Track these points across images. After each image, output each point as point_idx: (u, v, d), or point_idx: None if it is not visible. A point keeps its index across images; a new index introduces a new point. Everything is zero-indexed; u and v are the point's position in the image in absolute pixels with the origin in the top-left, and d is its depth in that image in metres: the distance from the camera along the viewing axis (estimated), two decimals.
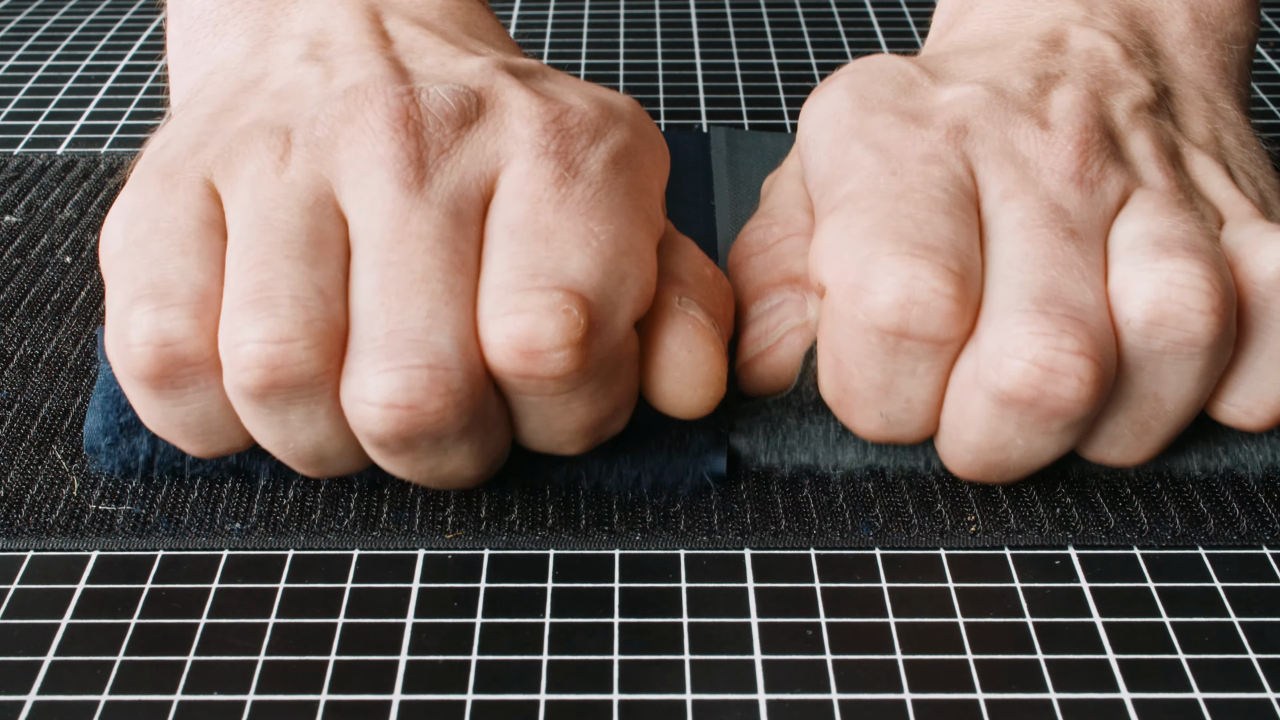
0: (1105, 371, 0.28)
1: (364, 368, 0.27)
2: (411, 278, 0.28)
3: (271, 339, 0.27)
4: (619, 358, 0.29)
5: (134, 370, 0.28)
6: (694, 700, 0.26)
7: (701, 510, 0.31)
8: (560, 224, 0.29)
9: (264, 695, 0.27)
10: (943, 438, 0.30)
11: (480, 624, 0.28)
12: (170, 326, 0.28)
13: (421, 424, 0.27)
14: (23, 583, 0.29)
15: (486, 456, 0.29)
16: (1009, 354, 0.28)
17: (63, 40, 0.58)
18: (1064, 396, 0.28)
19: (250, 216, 0.29)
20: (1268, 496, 0.32)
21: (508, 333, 0.27)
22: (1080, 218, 0.30)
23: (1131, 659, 0.27)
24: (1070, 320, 0.28)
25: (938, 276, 0.28)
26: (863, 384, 0.30)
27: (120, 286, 0.29)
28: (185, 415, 0.29)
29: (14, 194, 0.44)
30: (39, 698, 0.27)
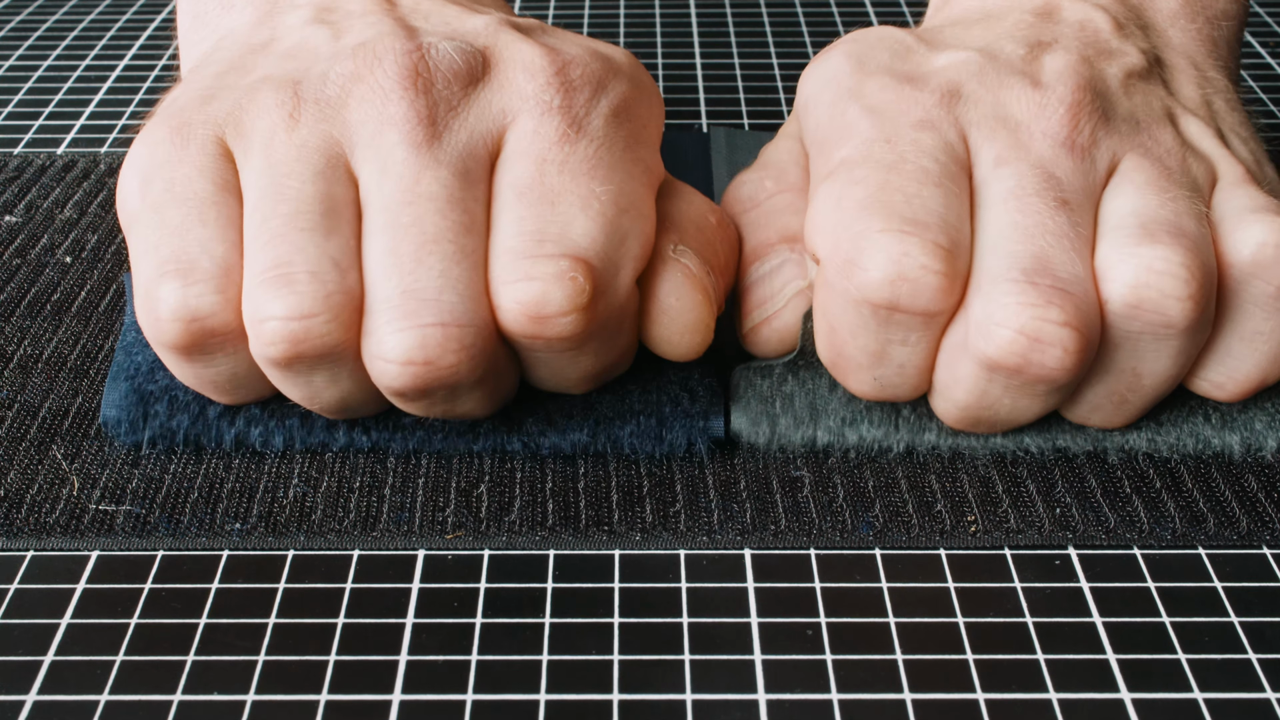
0: (1089, 341, 0.29)
1: (382, 326, 0.29)
2: (423, 239, 0.29)
3: (293, 315, 0.29)
4: (622, 314, 0.31)
5: (164, 341, 0.30)
6: (694, 700, 0.26)
7: (701, 510, 0.31)
8: (564, 185, 0.30)
9: (264, 695, 0.27)
10: (934, 394, 0.32)
11: (480, 624, 0.28)
12: (197, 303, 0.29)
13: (438, 377, 0.29)
14: (23, 583, 0.29)
15: (498, 397, 0.32)
16: (997, 323, 0.29)
17: (63, 40, 0.58)
18: (1048, 365, 0.29)
19: (264, 183, 0.30)
20: (1268, 496, 0.32)
21: (518, 299, 0.29)
22: (1072, 186, 0.31)
23: (1131, 659, 0.27)
24: (1057, 291, 0.29)
25: (927, 253, 0.29)
26: (856, 350, 0.31)
27: (145, 255, 0.30)
28: (215, 375, 0.31)
29: (14, 194, 0.44)
30: (39, 698, 0.27)
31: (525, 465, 0.32)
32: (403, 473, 0.32)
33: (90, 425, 0.34)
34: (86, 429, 0.34)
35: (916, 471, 0.32)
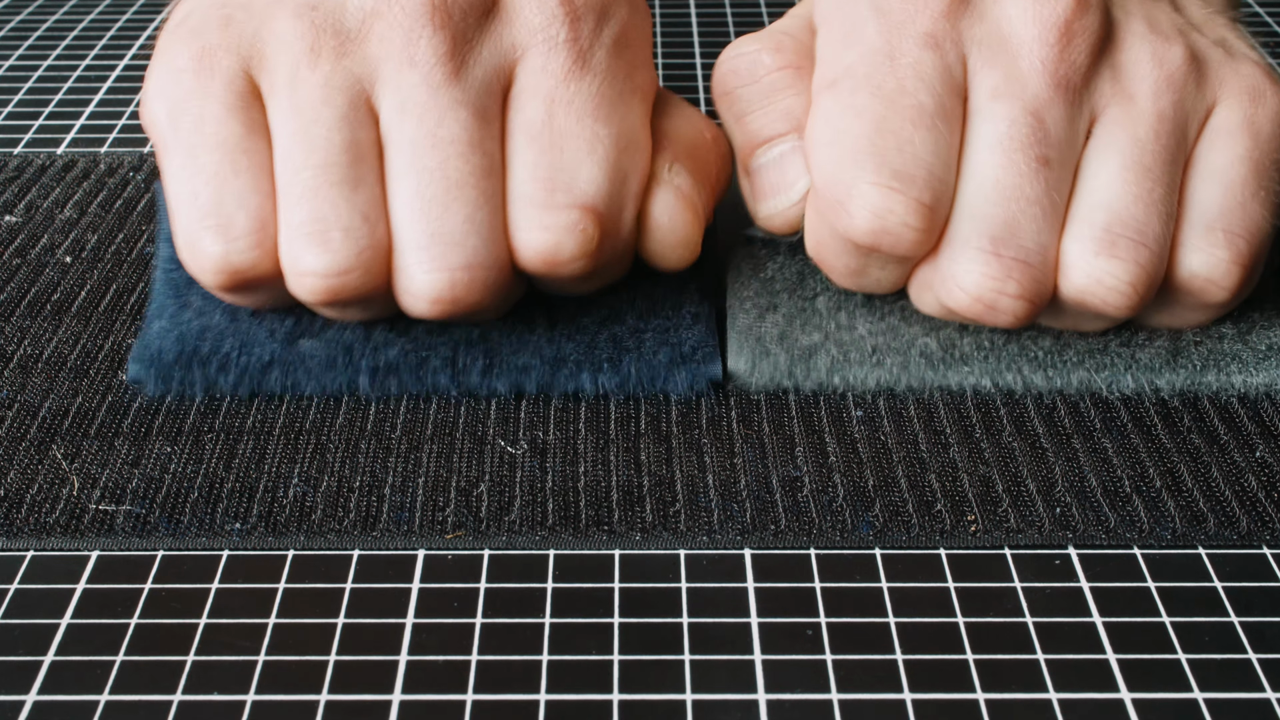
0: (1039, 306, 0.33)
1: (413, 265, 0.32)
2: (447, 184, 0.32)
3: (330, 272, 0.32)
4: (625, 245, 0.34)
5: (207, 282, 0.33)
6: (694, 700, 0.26)
7: (701, 510, 0.31)
8: (571, 128, 0.33)
9: (264, 695, 0.27)
10: (909, 289, 0.35)
11: (480, 624, 0.28)
12: (238, 259, 0.32)
13: (461, 310, 0.33)
14: (23, 583, 0.29)
15: (508, 307, 0.35)
16: (959, 285, 0.32)
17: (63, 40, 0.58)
18: (1001, 322, 0.33)
19: (293, 128, 0.32)
20: (1268, 496, 0.32)
21: (534, 247, 0.32)
22: (1057, 138, 0.32)
23: (1131, 659, 0.27)
24: (1018, 264, 0.32)
25: (910, 211, 0.32)
26: (839, 264, 0.34)
27: (184, 203, 0.32)
28: (255, 301, 0.35)
29: (14, 194, 0.44)
30: (39, 698, 0.27)
31: (525, 465, 0.32)
32: (403, 472, 0.32)
33: (90, 425, 0.34)
34: (86, 429, 0.34)
35: (916, 471, 0.32)
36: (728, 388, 0.35)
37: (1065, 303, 0.33)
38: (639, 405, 0.34)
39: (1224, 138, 0.34)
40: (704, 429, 0.34)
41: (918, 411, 0.34)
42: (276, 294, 0.34)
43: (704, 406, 0.34)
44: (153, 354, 0.35)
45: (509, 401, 0.34)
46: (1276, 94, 0.34)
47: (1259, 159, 0.34)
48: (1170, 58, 0.34)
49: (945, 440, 0.33)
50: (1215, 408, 0.34)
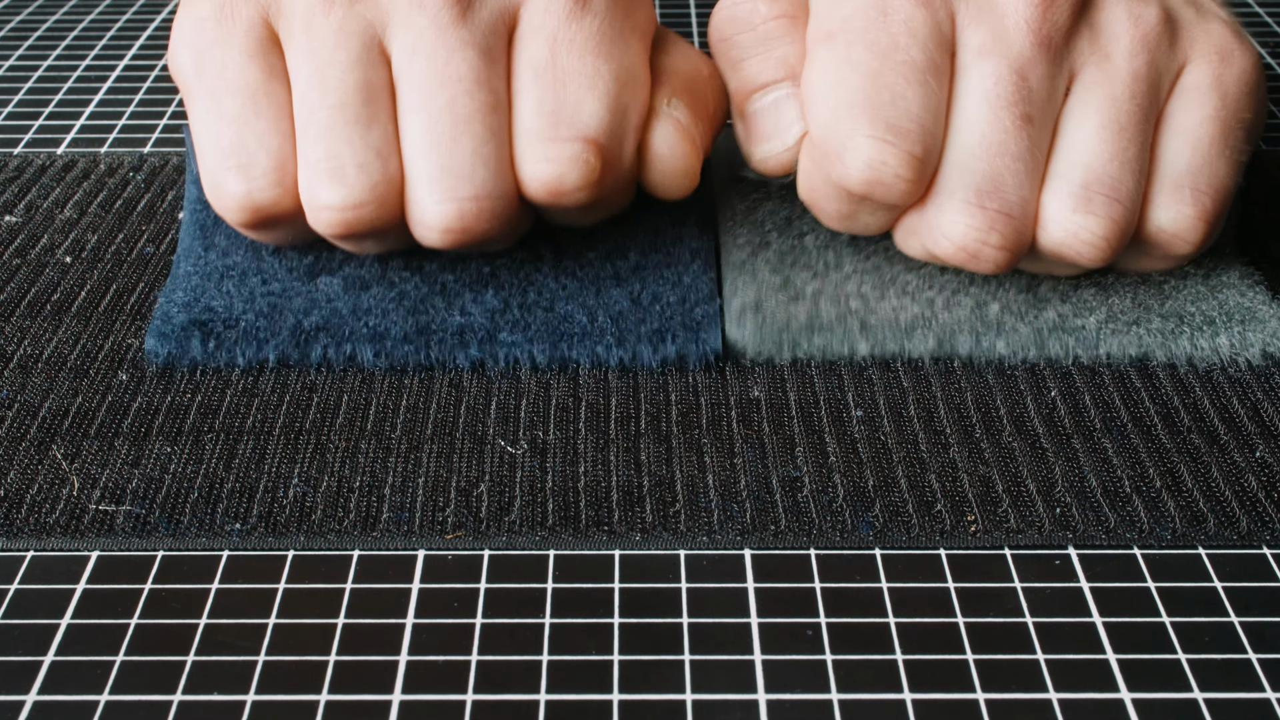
0: (1019, 255, 0.34)
1: (424, 198, 0.34)
2: (456, 120, 0.33)
3: (345, 205, 0.34)
4: (627, 176, 0.36)
5: (232, 220, 0.35)
6: (694, 700, 0.26)
7: (701, 510, 0.31)
8: (573, 66, 0.34)
9: (264, 695, 0.27)
10: (894, 233, 0.36)
11: (480, 624, 0.28)
12: (260, 196, 0.34)
13: (472, 240, 0.34)
14: (23, 583, 0.29)
15: (517, 236, 0.37)
16: (945, 234, 0.34)
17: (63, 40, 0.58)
18: (982, 270, 0.35)
19: (309, 71, 0.34)
20: (1268, 496, 0.32)
21: (539, 178, 0.34)
22: (1039, 95, 0.34)
23: (1131, 659, 0.27)
24: (1001, 217, 0.34)
25: (902, 164, 0.33)
26: (830, 209, 0.36)
27: (209, 146, 0.34)
28: (277, 238, 0.37)
29: (14, 194, 0.44)
30: (39, 698, 0.27)
31: (525, 465, 0.32)
32: (403, 473, 0.32)
33: (90, 425, 0.34)
34: (86, 429, 0.34)
35: (916, 471, 0.32)
36: (726, 347, 0.36)
37: (1042, 252, 0.35)
38: (639, 405, 0.34)
39: (1194, 97, 0.35)
40: (704, 429, 0.34)
41: (918, 411, 0.34)
42: (297, 230, 0.36)
43: (704, 407, 0.34)
44: (172, 325, 0.36)
45: (509, 401, 0.35)
46: (1244, 54, 0.36)
47: (1226, 118, 0.36)
48: (1145, 18, 0.35)
49: (945, 440, 0.33)
50: (1215, 408, 0.34)
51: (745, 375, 0.36)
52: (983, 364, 0.36)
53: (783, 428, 0.34)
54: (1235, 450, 0.33)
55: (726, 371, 0.36)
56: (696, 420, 0.34)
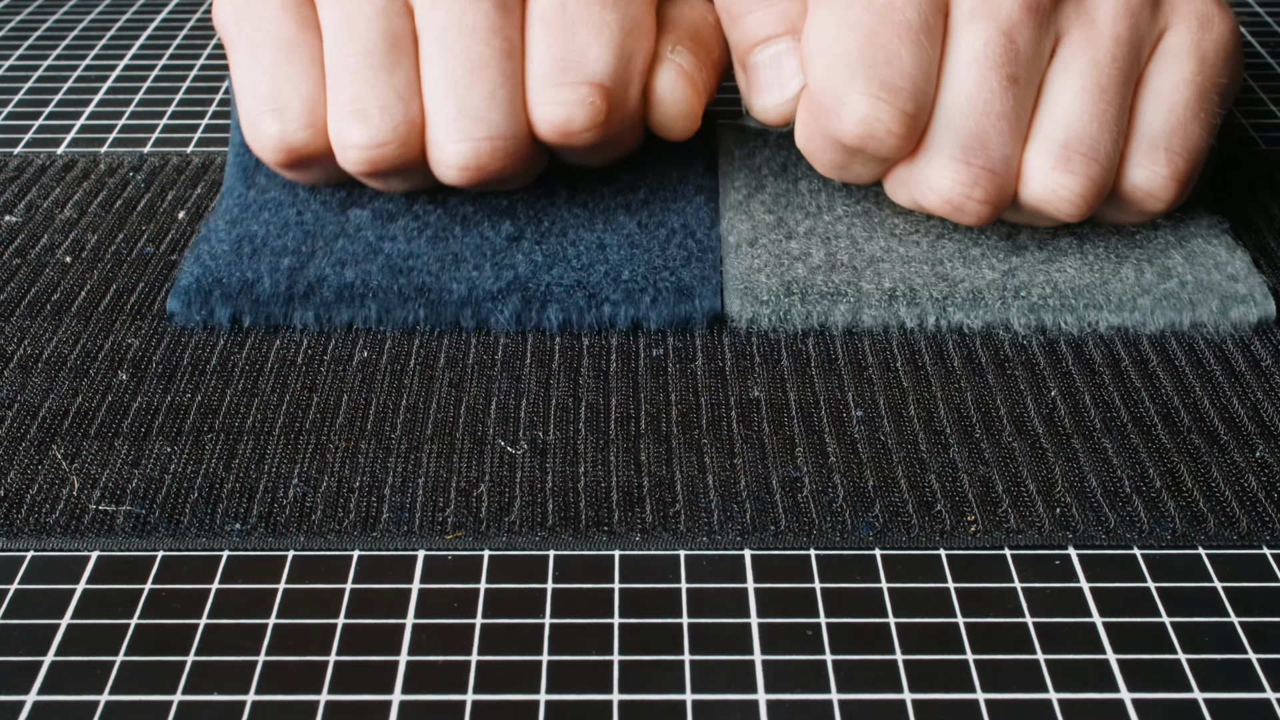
0: (1001, 207, 0.36)
1: (443, 138, 0.37)
2: (471, 65, 0.36)
3: (370, 144, 0.37)
4: (632, 117, 0.39)
5: (269, 160, 0.38)
6: (694, 700, 0.26)
7: (701, 511, 0.31)
8: (580, 15, 0.37)
9: (264, 695, 0.27)
10: (884, 182, 0.38)
11: (480, 624, 0.28)
12: (293, 138, 0.37)
13: (488, 177, 0.37)
14: (23, 583, 0.29)
15: (532, 175, 0.40)
16: (932, 187, 0.36)
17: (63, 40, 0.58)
18: (965, 221, 0.37)
19: (338, 21, 0.37)
20: (1268, 496, 0.32)
21: (549, 120, 0.37)
22: (1026, 57, 0.36)
23: (1131, 659, 0.27)
24: (985, 173, 0.36)
25: (894, 120, 0.35)
26: (825, 159, 0.38)
27: (247, 91, 0.37)
28: (311, 177, 0.40)
29: (14, 194, 0.44)
30: (39, 698, 0.27)
31: (525, 465, 0.32)
32: (403, 473, 0.32)
33: (90, 425, 0.34)
34: (86, 429, 0.34)
35: (916, 471, 0.32)
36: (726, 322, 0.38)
37: (1023, 206, 0.37)
38: (639, 405, 0.34)
39: (1172, 61, 0.37)
40: (704, 429, 0.34)
41: (918, 411, 0.34)
42: (329, 169, 0.39)
43: (704, 407, 0.34)
44: (214, 247, 0.39)
45: (509, 401, 0.35)
46: (1223, 20, 0.38)
47: (1202, 83, 0.37)
48: None
49: (945, 440, 0.33)
50: (1215, 408, 0.34)
51: (745, 375, 0.36)
52: (969, 328, 0.37)
53: (783, 428, 0.34)
54: (1235, 450, 0.33)
55: (726, 372, 0.36)
56: (696, 420, 0.34)
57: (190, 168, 0.46)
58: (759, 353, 0.36)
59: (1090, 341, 0.37)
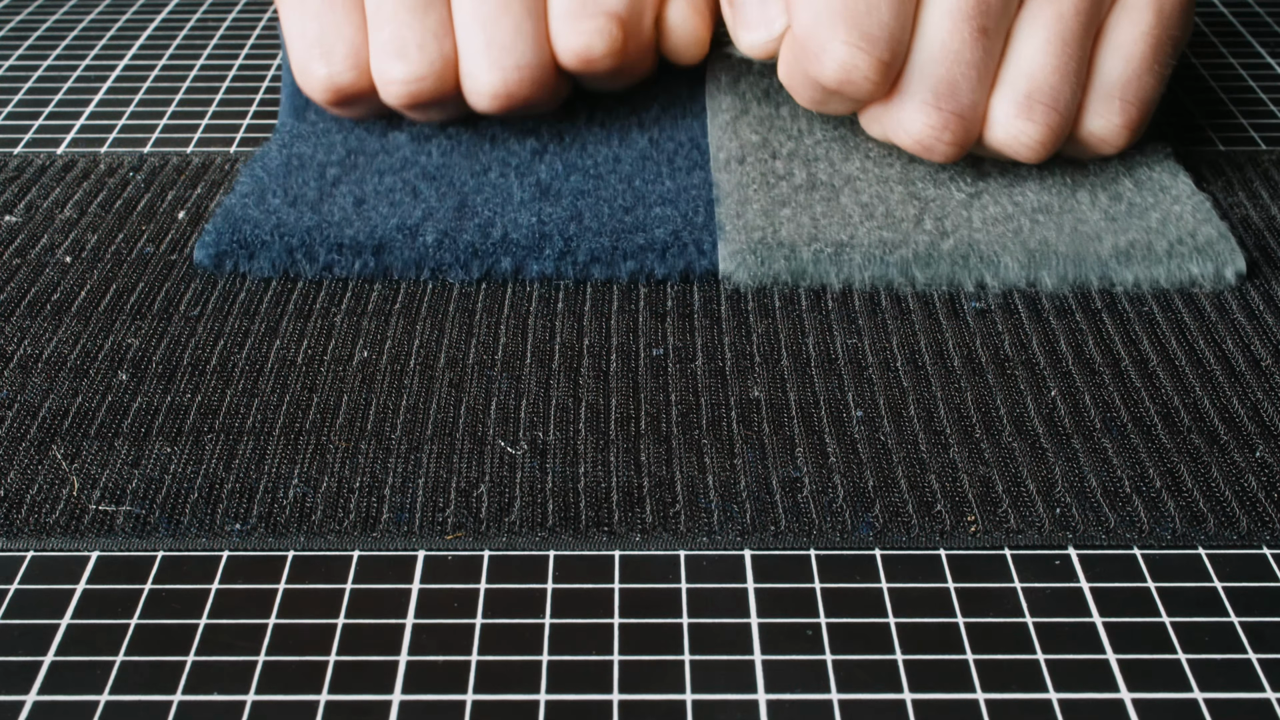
0: (966, 149, 0.40)
1: (474, 68, 0.41)
2: (498, 2, 0.40)
3: (409, 79, 0.41)
4: (646, 46, 0.43)
5: (319, 99, 0.43)
6: (694, 700, 0.26)
7: (701, 511, 0.31)
8: None
9: (264, 695, 0.27)
10: (859, 117, 0.41)
11: (480, 625, 0.28)
12: (340, 79, 0.42)
13: (516, 104, 0.42)
14: (23, 583, 0.29)
15: (558, 101, 0.44)
16: (904, 128, 0.39)
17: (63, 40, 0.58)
18: (934, 159, 0.40)
19: None
20: (1268, 496, 0.32)
21: (571, 48, 0.41)
22: (996, 9, 0.38)
23: (1131, 659, 0.27)
24: (954, 117, 0.39)
25: (871, 68, 0.38)
26: (804, 94, 0.40)
27: (297, 38, 0.42)
28: (356, 112, 0.44)
29: (14, 194, 0.44)
30: (39, 698, 0.27)
31: (525, 465, 0.32)
32: (403, 473, 0.32)
33: (90, 425, 0.34)
34: (86, 429, 0.34)
35: (916, 472, 0.32)
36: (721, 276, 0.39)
37: (986, 148, 0.41)
38: (639, 405, 0.34)
39: (1133, 14, 0.40)
40: (704, 429, 0.34)
41: (918, 411, 0.34)
42: (372, 104, 0.43)
43: (704, 407, 0.34)
44: (268, 162, 0.43)
45: (509, 401, 0.35)
46: None
47: (1159, 35, 0.40)
48: None
49: (945, 441, 0.33)
50: (1215, 408, 0.34)
51: (745, 375, 0.36)
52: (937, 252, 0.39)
53: (783, 428, 0.34)
54: (1235, 450, 0.33)
55: (726, 372, 0.36)
56: (696, 420, 0.34)
57: (190, 168, 0.46)
58: (759, 353, 0.36)
59: (1090, 341, 0.37)
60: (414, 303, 0.38)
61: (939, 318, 0.38)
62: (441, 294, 0.39)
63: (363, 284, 0.39)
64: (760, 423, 0.34)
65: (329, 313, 0.38)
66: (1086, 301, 0.39)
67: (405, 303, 0.38)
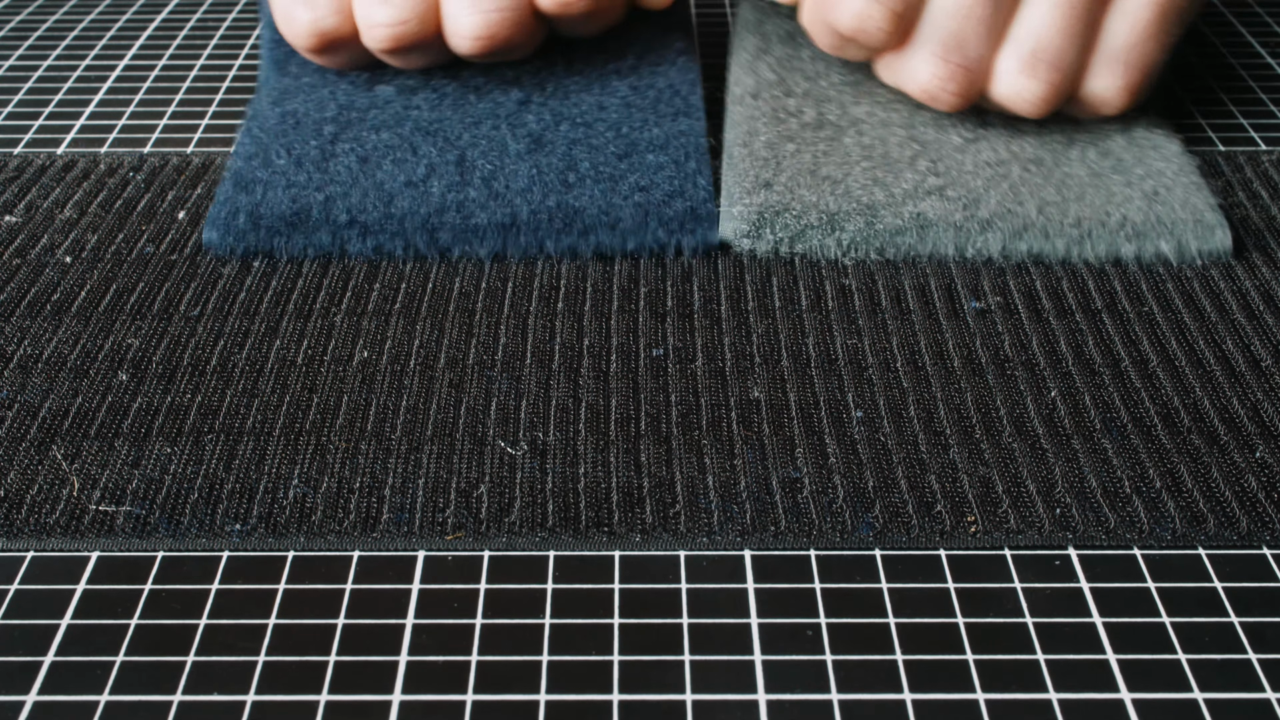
0: (971, 101, 0.42)
1: (457, 12, 0.42)
2: None
3: (393, 22, 0.42)
4: None
5: (302, 46, 0.44)
6: (694, 700, 0.26)
7: (701, 511, 0.31)
8: None
9: (264, 695, 0.27)
10: (873, 64, 0.44)
11: (480, 625, 0.28)
12: (323, 24, 0.43)
13: (498, 46, 0.43)
14: (23, 583, 0.29)
15: (534, 46, 0.45)
16: (913, 78, 0.42)
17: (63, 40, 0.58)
18: (938, 109, 0.43)
19: None
20: (1268, 496, 0.32)
21: None
22: None
23: (1131, 659, 0.27)
24: (961, 70, 0.41)
25: (885, 19, 0.40)
26: (823, 39, 0.43)
27: None
28: (338, 61, 0.45)
29: (14, 194, 0.44)
30: (39, 698, 0.27)
31: (525, 466, 0.32)
32: (403, 474, 0.32)
33: (90, 425, 0.34)
34: (86, 429, 0.34)
35: (916, 472, 0.32)
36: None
37: (990, 102, 0.43)
38: (639, 405, 0.34)
39: None
40: (704, 429, 0.34)
41: (918, 411, 0.34)
42: (355, 51, 0.44)
43: (704, 407, 0.34)
44: (263, 121, 0.44)
45: (509, 402, 0.35)
46: None
47: (1165, 4, 0.41)
48: None
49: (945, 441, 0.33)
50: (1215, 408, 0.34)
51: (745, 375, 0.36)
52: (930, 187, 0.41)
53: (783, 428, 0.34)
54: (1235, 450, 0.33)
55: (726, 372, 0.36)
56: (696, 421, 0.34)
57: (190, 168, 0.46)
58: (759, 353, 0.36)
59: (1090, 341, 0.37)
60: (414, 303, 0.38)
61: (939, 318, 0.38)
62: (442, 294, 0.39)
63: (363, 284, 0.39)
64: (760, 423, 0.34)
65: (329, 313, 0.38)
66: (1087, 302, 0.39)
67: (405, 303, 0.38)
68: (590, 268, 0.40)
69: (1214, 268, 0.40)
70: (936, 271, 0.40)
